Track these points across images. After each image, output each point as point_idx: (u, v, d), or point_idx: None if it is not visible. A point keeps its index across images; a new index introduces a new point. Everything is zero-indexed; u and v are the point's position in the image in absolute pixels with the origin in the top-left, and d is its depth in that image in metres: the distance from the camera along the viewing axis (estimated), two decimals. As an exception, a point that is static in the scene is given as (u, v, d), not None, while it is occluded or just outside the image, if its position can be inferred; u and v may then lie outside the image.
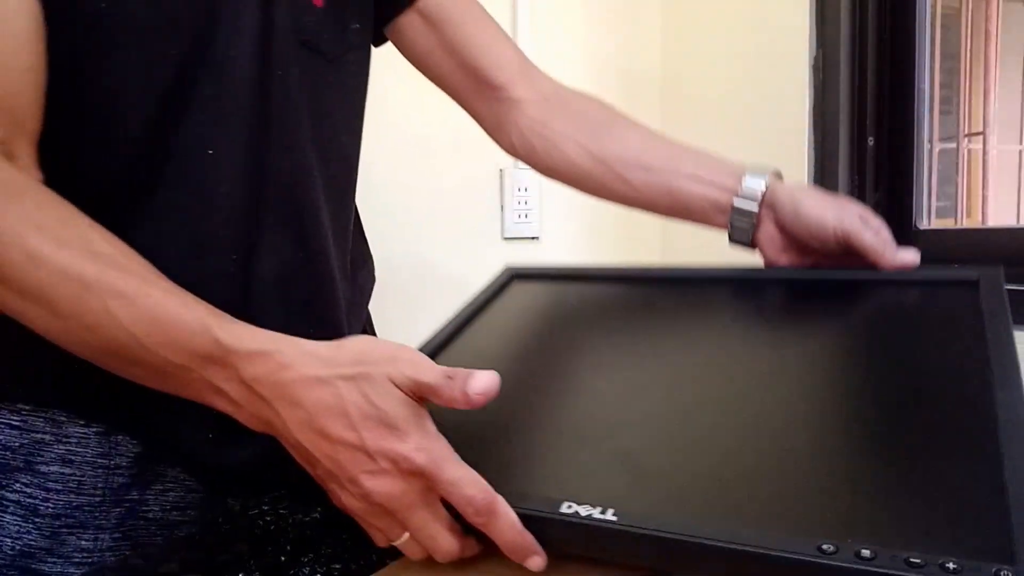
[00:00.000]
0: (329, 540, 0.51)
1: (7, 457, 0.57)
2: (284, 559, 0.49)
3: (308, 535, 0.53)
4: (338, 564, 0.48)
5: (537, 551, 0.43)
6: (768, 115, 1.30)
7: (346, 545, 0.50)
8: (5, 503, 0.56)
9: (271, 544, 0.51)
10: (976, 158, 2.01)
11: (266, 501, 0.59)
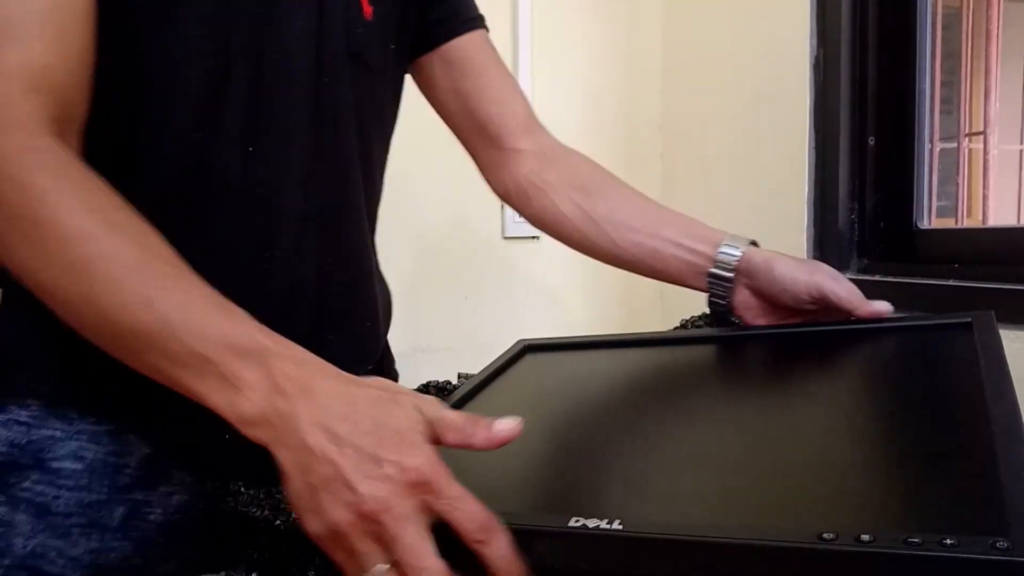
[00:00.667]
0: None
1: (15, 455, 0.57)
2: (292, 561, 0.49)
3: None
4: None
5: None
6: (768, 114, 1.30)
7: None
8: (16, 501, 0.56)
9: (283, 544, 0.51)
10: (977, 158, 2.01)
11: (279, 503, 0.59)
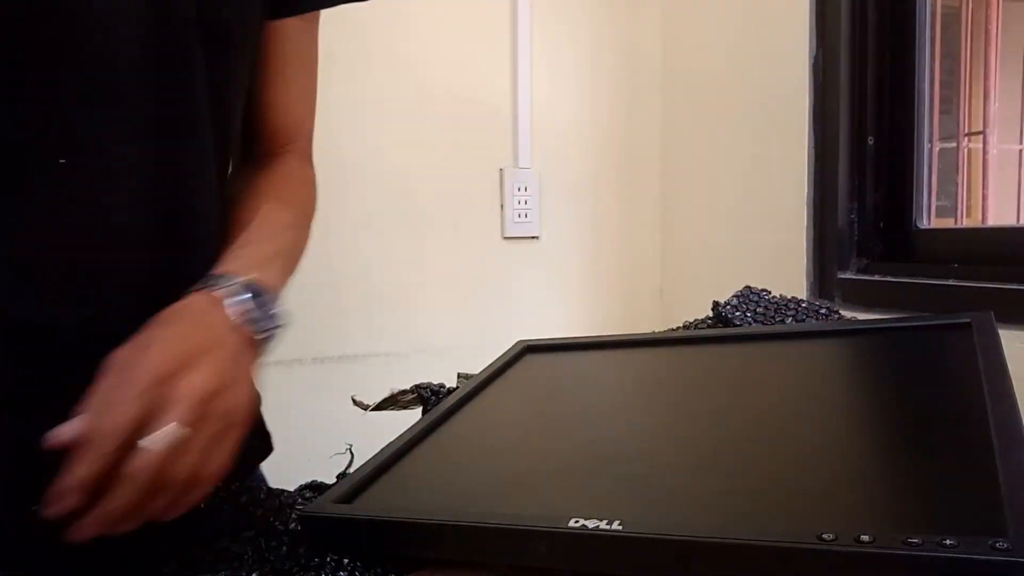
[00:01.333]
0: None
1: None
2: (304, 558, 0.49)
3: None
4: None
5: None
6: (768, 114, 1.30)
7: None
8: None
9: (283, 544, 0.51)
10: (976, 157, 2.01)
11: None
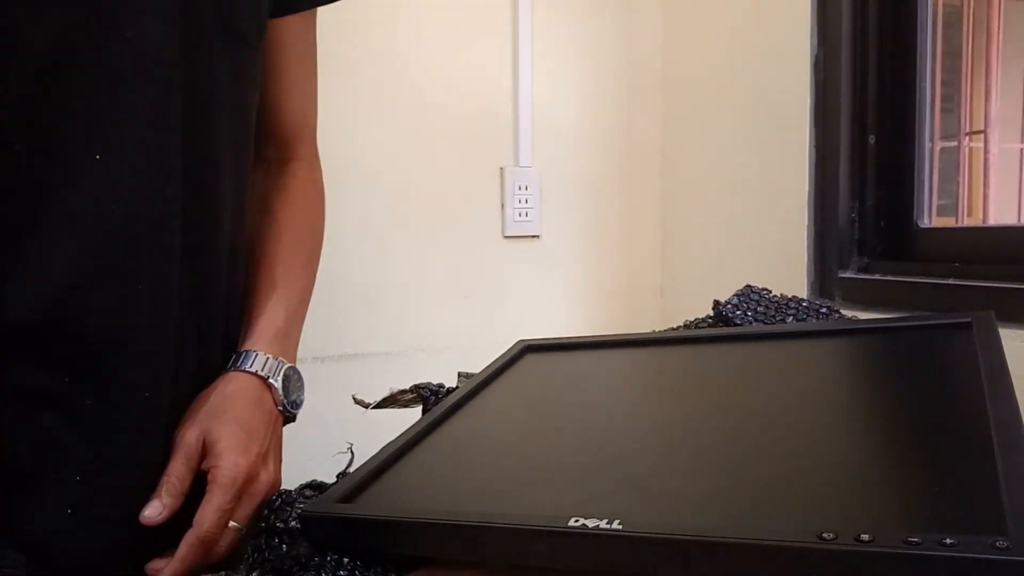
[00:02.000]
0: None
1: None
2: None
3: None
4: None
5: None
6: (769, 113, 1.29)
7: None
8: None
9: (283, 544, 0.52)
10: (977, 156, 2.00)
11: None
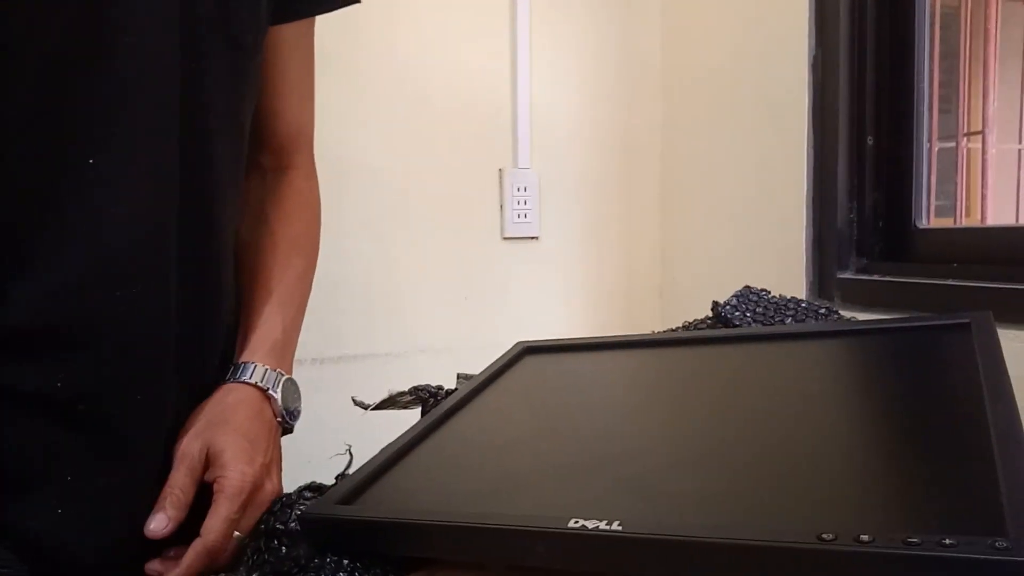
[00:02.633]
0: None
1: None
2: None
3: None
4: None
5: None
6: (767, 114, 1.30)
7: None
8: None
9: (283, 544, 0.52)
10: (975, 157, 2.01)
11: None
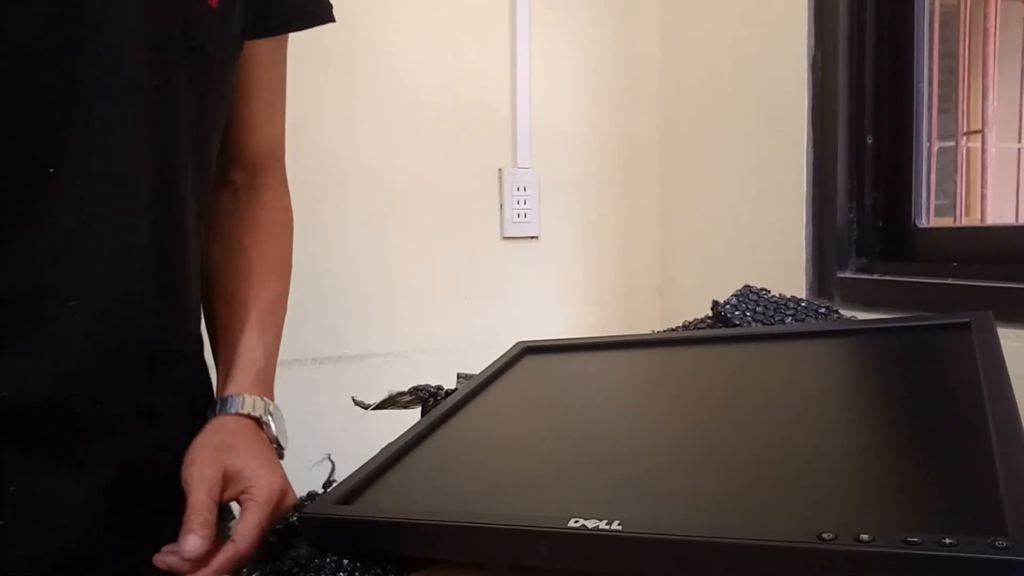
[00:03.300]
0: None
1: None
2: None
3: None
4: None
5: None
6: (767, 114, 1.30)
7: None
8: None
9: (283, 544, 0.52)
10: (975, 156, 2.01)
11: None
